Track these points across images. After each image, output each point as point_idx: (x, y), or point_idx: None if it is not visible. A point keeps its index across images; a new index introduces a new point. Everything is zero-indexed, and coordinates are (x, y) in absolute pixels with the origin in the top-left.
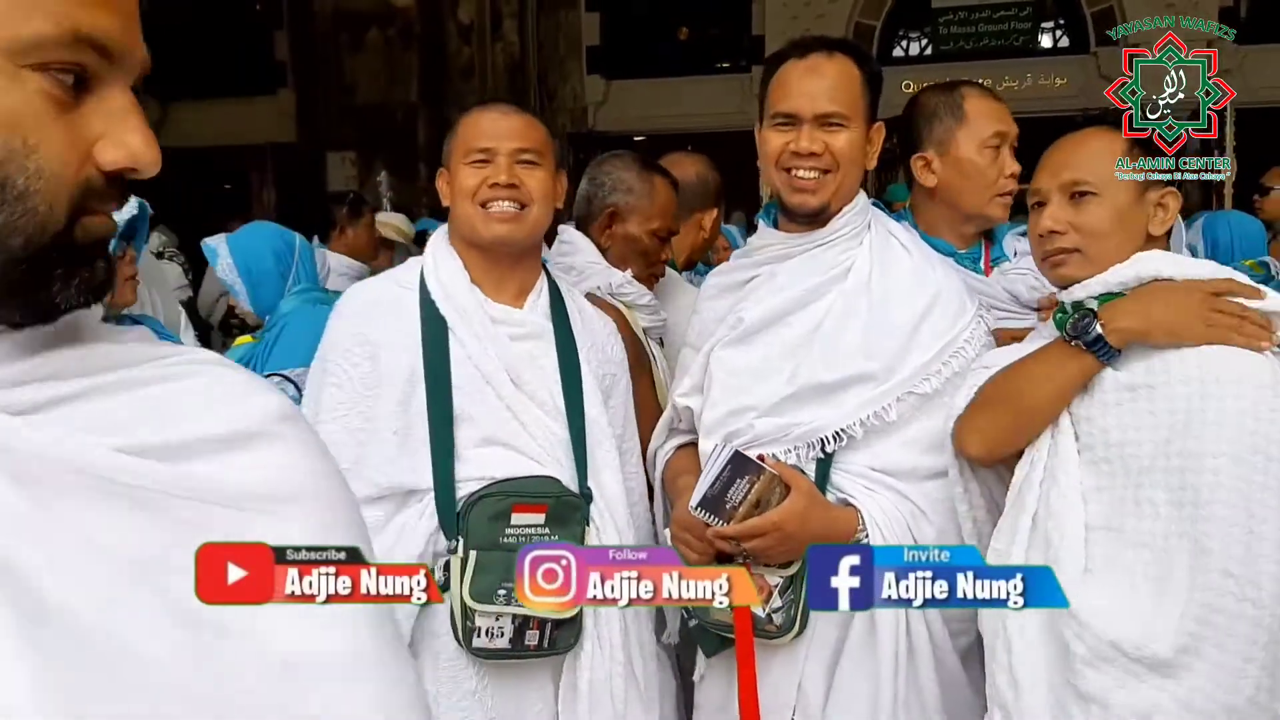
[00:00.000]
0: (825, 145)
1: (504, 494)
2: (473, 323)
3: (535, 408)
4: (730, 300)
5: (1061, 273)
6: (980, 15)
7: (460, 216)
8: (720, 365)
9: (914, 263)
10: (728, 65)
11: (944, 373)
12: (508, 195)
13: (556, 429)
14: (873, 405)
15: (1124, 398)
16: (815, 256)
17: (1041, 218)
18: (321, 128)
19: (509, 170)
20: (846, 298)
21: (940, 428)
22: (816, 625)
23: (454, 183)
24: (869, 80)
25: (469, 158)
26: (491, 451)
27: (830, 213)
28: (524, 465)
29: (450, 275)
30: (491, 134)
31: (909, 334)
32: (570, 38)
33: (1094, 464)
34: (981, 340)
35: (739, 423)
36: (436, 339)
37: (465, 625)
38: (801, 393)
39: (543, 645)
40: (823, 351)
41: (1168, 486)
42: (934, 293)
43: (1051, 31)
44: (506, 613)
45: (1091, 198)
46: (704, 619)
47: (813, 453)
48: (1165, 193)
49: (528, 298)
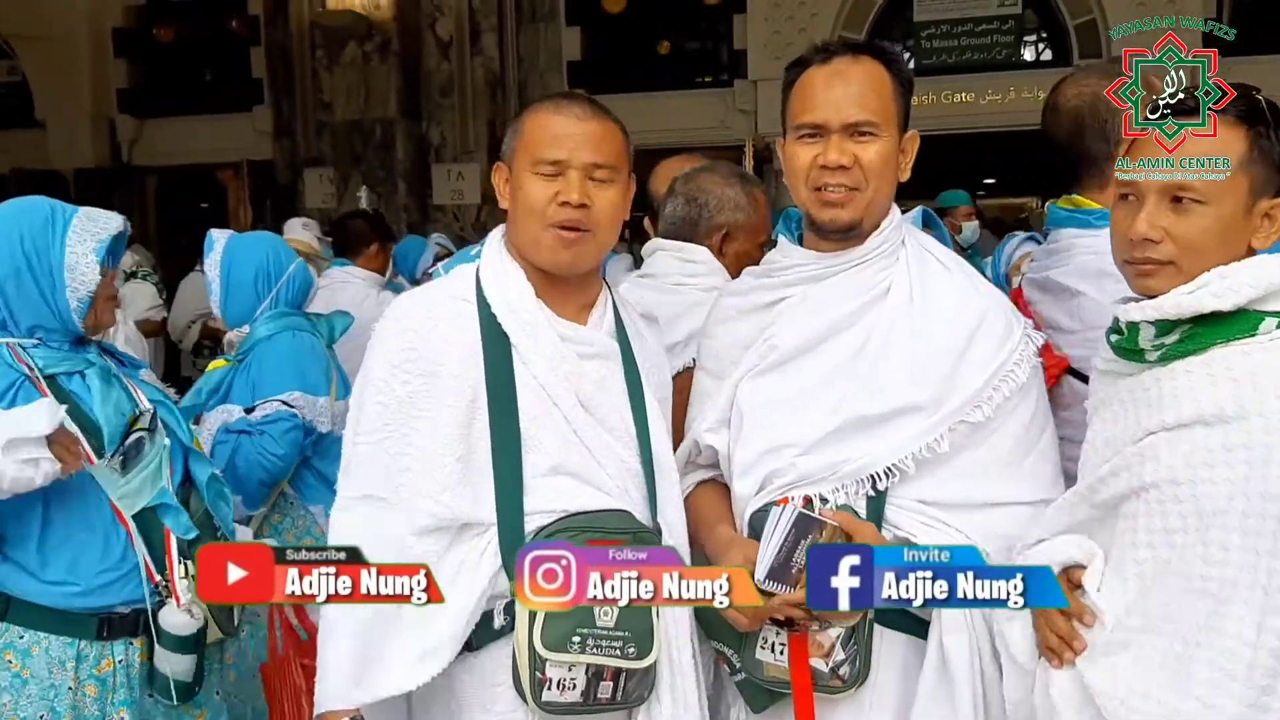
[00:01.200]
0: (855, 157)
1: (578, 529)
2: (540, 340)
3: (606, 434)
4: (754, 324)
5: (1149, 284)
6: (962, 29)
7: (522, 231)
8: (750, 398)
9: (955, 281)
10: (709, 80)
11: (995, 399)
12: (578, 219)
13: (628, 458)
14: (924, 438)
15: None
16: (851, 277)
17: (1137, 221)
18: (299, 145)
19: (581, 188)
20: (888, 321)
21: (990, 457)
22: (878, 674)
23: (517, 190)
24: (900, 85)
25: (537, 166)
26: (560, 481)
27: (863, 229)
28: (593, 498)
29: (514, 287)
30: (566, 143)
31: (956, 359)
32: (550, 52)
33: (1162, 504)
34: (1031, 361)
35: (778, 461)
36: (500, 356)
37: (534, 677)
38: (846, 427)
39: (615, 698)
40: (867, 380)
41: (1244, 531)
42: (980, 313)
43: (1034, 45)
44: (581, 662)
45: (1196, 205)
46: (755, 674)
47: (863, 489)
48: (1275, 203)
49: (592, 314)
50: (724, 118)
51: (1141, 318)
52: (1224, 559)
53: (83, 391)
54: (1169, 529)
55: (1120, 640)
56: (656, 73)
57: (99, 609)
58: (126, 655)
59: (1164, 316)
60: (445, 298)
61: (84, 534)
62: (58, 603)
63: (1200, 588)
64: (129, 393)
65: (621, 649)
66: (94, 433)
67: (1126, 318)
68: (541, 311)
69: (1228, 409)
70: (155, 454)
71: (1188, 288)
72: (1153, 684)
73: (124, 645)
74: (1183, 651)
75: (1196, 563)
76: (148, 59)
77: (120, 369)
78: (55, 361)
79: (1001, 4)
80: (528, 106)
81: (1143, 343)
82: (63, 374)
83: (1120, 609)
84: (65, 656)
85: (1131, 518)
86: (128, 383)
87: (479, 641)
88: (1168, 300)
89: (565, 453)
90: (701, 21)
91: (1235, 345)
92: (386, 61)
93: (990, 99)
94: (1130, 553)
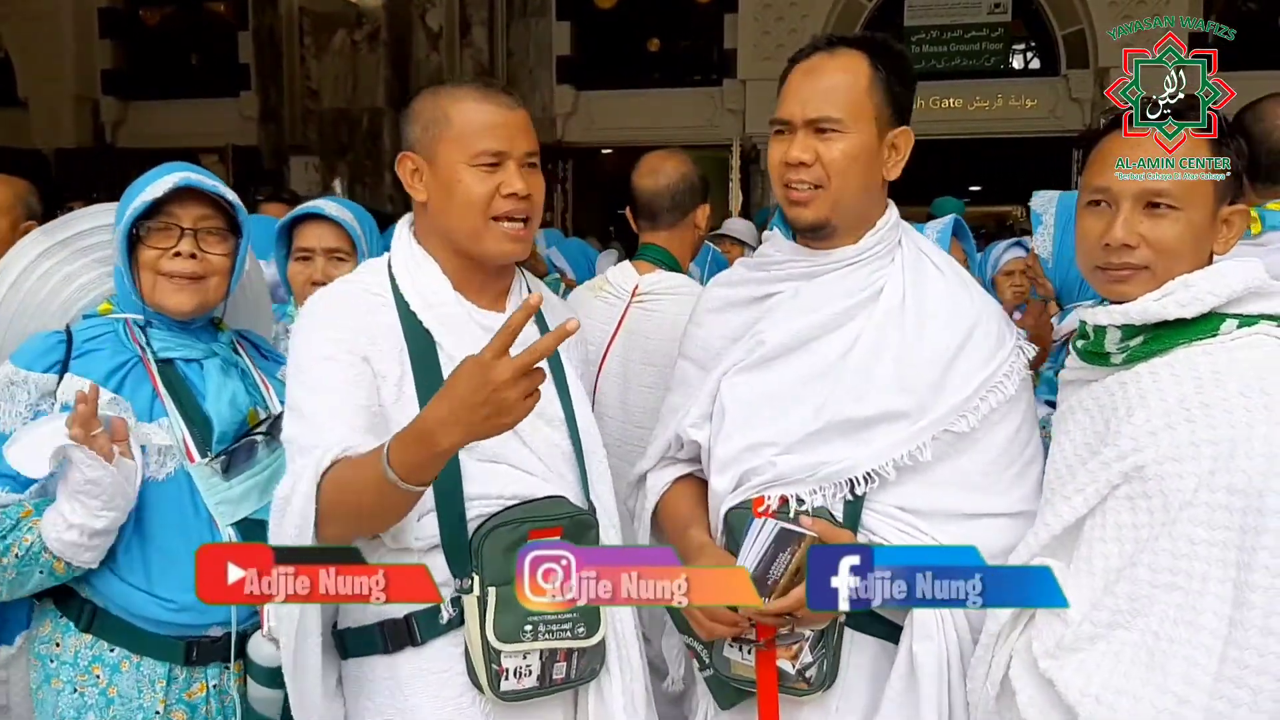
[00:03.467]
0: (816, 154)
1: (517, 520)
2: (463, 335)
3: (537, 419)
4: (743, 317)
5: (1123, 289)
6: (952, 35)
7: (460, 227)
8: (734, 393)
9: (949, 286)
10: (699, 78)
11: (981, 409)
12: (524, 209)
13: (559, 440)
14: (907, 445)
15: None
16: (845, 276)
17: (1114, 227)
18: (285, 131)
19: (523, 178)
20: (878, 323)
21: (972, 467)
22: (847, 678)
23: (453, 184)
24: (884, 78)
25: (477, 159)
26: (496, 469)
27: (834, 228)
28: (529, 484)
29: (430, 282)
30: (503, 133)
31: (945, 367)
32: (540, 47)
33: (1130, 499)
34: (1021, 374)
35: (757, 459)
36: (424, 355)
37: (491, 669)
38: (828, 429)
39: (570, 676)
40: (853, 383)
41: (1210, 524)
42: (971, 321)
43: (1023, 53)
44: (534, 649)
45: (1171, 211)
46: (723, 671)
47: (841, 493)
48: (1234, 210)
49: (509, 299)
50: (712, 117)
51: (1109, 322)
52: (1191, 552)
53: (198, 380)
54: (1136, 524)
55: (1088, 635)
56: (646, 70)
57: (188, 628)
58: (221, 681)
59: (1131, 322)
60: (362, 292)
61: (176, 541)
62: (145, 615)
63: (1169, 581)
64: (257, 389)
65: (572, 629)
66: (202, 427)
67: (1094, 321)
68: (461, 305)
69: (1193, 405)
70: (271, 462)
71: (1154, 295)
72: (1127, 680)
73: (218, 669)
74: (1155, 645)
75: (1165, 556)
76: (134, 41)
77: (257, 364)
78: (173, 346)
79: (991, 11)
80: (429, 92)
81: (1108, 346)
82: (180, 359)
83: (1086, 604)
84: (156, 676)
85: (1100, 514)
86: (259, 379)
87: (425, 636)
88: (1135, 307)
89: (498, 443)
90: (692, 20)
91: (1198, 346)
92: (375, 51)
93: (978, 105)
94: (1099, 547)
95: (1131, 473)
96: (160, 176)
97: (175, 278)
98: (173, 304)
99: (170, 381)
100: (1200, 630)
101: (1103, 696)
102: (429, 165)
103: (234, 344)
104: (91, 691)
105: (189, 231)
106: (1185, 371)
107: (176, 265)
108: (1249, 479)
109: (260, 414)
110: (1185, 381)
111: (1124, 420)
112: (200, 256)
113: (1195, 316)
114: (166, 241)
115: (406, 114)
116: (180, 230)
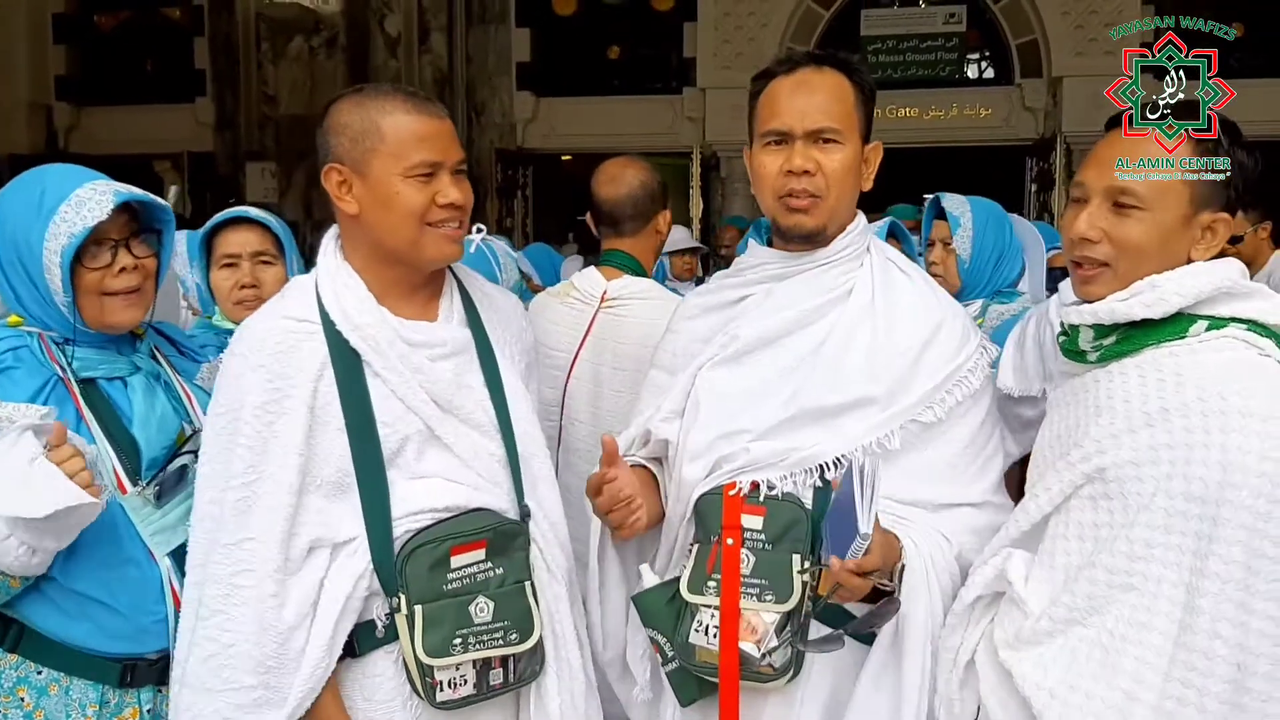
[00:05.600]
0: (818, 164)
1: (439, 539)
2: (388, 354)
3: (471, 430)
4: (717, 319)
5: (1089, 289)
6: (908, 45)
7: (395, 236)
8: (710, 386)
9: (916, 287)
10: (659, 86)
11: (948, 401)
12: (458, 217)
13: (494, 449)
14: (876, 432)
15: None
16: (816, 277)
17: (1077, 221)
18: (241, 138)
19: (457, 185)
20: (849, 319)
21: (938, 457)
22: (813, 666)
23: (386, 198)
24: (862, 95)
25: (413, 170)
26: (428, 484)
27: (827, 234)
28: (461, 495)
29: (355, 300)
30: (437, 144)
31: (914, 359)
32: (500, 53)
33: (1093, 499)
34: (985, 371)
35: (730, 446)
36: (351, 372)
37: (425, 682)
38: (801, 416)
39: (508, 680)
40: (825, 373)
41: (1167, 529)
42: (938, 319)
43: (977, 63)
44: (466, 660)
45: (1136, 212)
46: (687, 659)
47: (811, 479)
48: (1216, 218)
49: (440, 305)
50: (672, 124)
51: (1079, 321)
52: (1148, 555)
53: (123, 401)
54: (1097, 523)
55: (1046, 629)
56: (606, 77)
57: (124, 655)
58: (155, 704)
59: (1100, 321)
60: (290, 323)
61: (113, 571)
62: (79, 642)
63: (1125, 582)
64: (181, 404)
65: (504, 637)
66: (130, 454)
67: (1067, 320)
68: (385, 323)
69: (1153, 410)
70: None
71: (1121, 295)
72: (1081, 677)
73: (152, 692)
74: (1110, 644)
75: (1122, 558)
76: (88, 46)
77: (177, 369)
78: (94, 364)
79: (946, 22)
80: (349, 102)
81: (1083, 344)
82: (102, 377)
83: (1046, 599)
84: (86, 700)
85: (1064, 511)
86: (183, 390)
87: (362, 648)
88: (1102, 306)
89: (429, 459)
90: (652, 28)
91: (1166, 347)
92: (334, 57)
93: (934, 114)
94: (1060, 544)
95: (1094, 474)
96: (73, 188)
97: (122, 295)
98: (124, 320)
99: (94, 404)
100: (1152, 631)
101: (1057, 691)
102: (359, 178)
103: (153, 351)
104: (15, 715)
105: (121, 243)
106: (1151, 374)
107: (122, 282)
108: (1205, 487)
109: (187, 431)
110: (1149, 384)
111: (1091, 421)
112: (138, 265)
113: (1165, 317)
114: (103, 259)
115: (327, 126)
116: (114, 243)
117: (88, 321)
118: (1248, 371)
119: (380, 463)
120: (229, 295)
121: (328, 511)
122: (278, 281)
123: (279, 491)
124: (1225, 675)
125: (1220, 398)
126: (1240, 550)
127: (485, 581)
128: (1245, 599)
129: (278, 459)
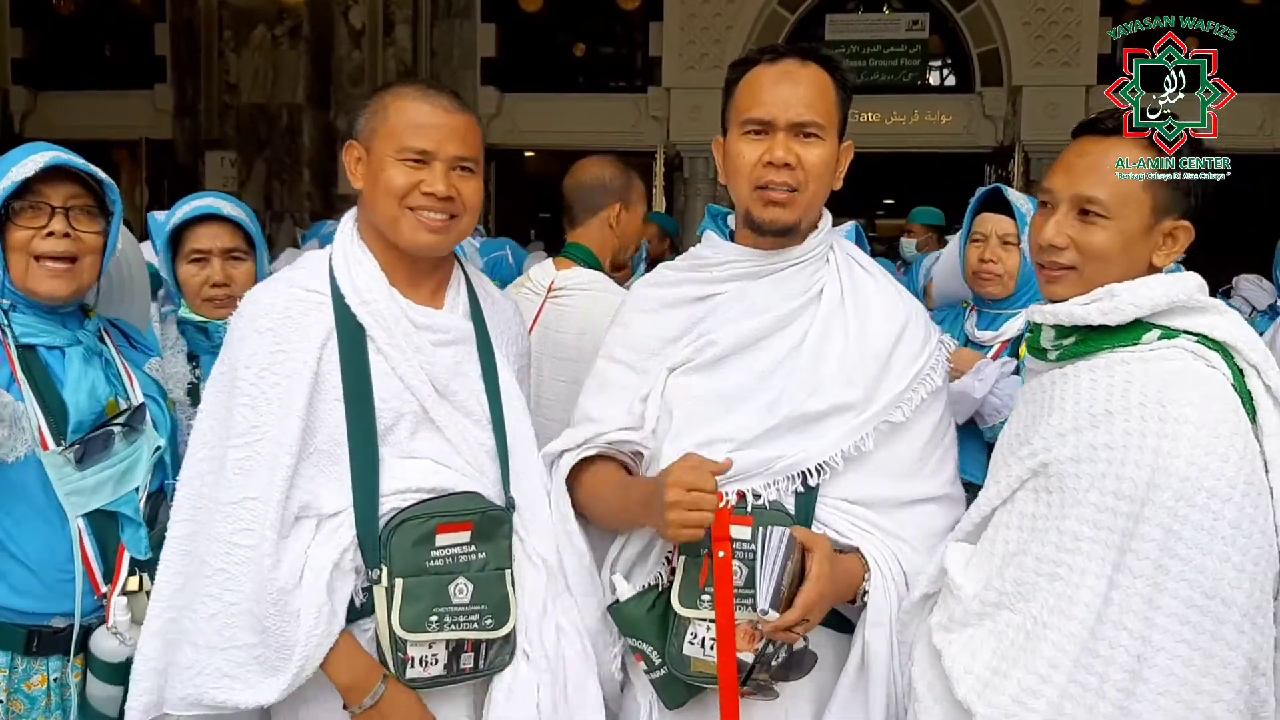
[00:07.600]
0: (798, 157)
1: (426, 515)
2: (394, 331)
3: (464, 419)
4: (682, 317)
5: (1054, 290)
6: (872, 50)
7: (380, 213)
8: (684, 393)
9: (880, 285)
10: (623, 84)
11: (914, 400)
12: (442, 209)
13: (484, 439)
14: (852, 436)
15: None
16: (790, 277)
17: (1045, 228)
18: (201, 126)
19: (446, 179)
20: (822, 321)
21: (905, 453)
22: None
23: (376, 174)
24: (842, 93)
25: (402, 154)
26: (417, 463)
27: (800, 230)
28: (448, 478)
29: (366, 277)
30: (433, 134)
31: (884, 361)
32: (465, 48)
33: (1035, 492)
34: (944, 366)
35: (710, 456)
36: (355, 346)
37: (397, 657)
38: (784, 424)
39: (478, 666)
40: (804, 378)
41: (1095, 524)
42: (904, 318)
43: (939, 70)
44: (440, 639)
45: (1101, 220)
46: (680, 670)
47: (793, 486)
48: (1177, 225)
49: (446, 295)
50: (636, 123)
51: (1042, 320)
52: (1075, 547)
53: (59, 368)
54: (1036, 514)
55: (976, 611)
56: (570, 74)
57: (31, 616)
58: (63, 674)
59: (1060, 323)
60: (299, 291)
61: (22, 525)
62: None
63: (1052, 571)
64: (119, 379)
65: (479, 621)
66: (58, 415)
67: (1031, 319)
68: (394, 301)
69: (1099, 411)
70: (128, 454)
71: (1082, 300)
72: (1002, 660)
73: (60, 662)
74: (1032, 629)
75: (1051, 548)
76: (45, 30)
77: (123, 353)
78: (35, 331)
79: (909, 29)
80: (386, 87)
81: (1044, 343)
82: (43, 345)
83: (980, 584)
84: None
85: (1011, 502)
86: (123, 369)
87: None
88: (1063, 309)
89: (421, 440)
90: (618, 26)
91: (1119, 353)
92: (296, 47)
93: (895, 120)
94: (1002, 532)
95: (1039, 469)
96: (26, 156)
97: (49, 263)
98: (46, 290)
99: (29, 367)
100: (1072, 620)
101: (981, 674)
102: (367, 155)
103: (100, 332)
104: None
105: (59, 210)
106: (1102, 377)
107: (49, 245)
108: (1134, 486)
109: (120, 404)
110: (1099, 387)
111: (1043, 419)
112: (73, 235)
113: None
114: (37, 221)
115: (364, 106)
116: (51, 209)
117: (14, 282)
118: (1191, 381)
119: (374, 434)
120: (198, 291)
121: (316, 480)
122: (249, 278)
123: (280, 453)
124: (1125, 665)
125: (1160, 404)
126: (1154, 548)
127: (467, 564)
128: (1153, 595)
129: (280, 420)
